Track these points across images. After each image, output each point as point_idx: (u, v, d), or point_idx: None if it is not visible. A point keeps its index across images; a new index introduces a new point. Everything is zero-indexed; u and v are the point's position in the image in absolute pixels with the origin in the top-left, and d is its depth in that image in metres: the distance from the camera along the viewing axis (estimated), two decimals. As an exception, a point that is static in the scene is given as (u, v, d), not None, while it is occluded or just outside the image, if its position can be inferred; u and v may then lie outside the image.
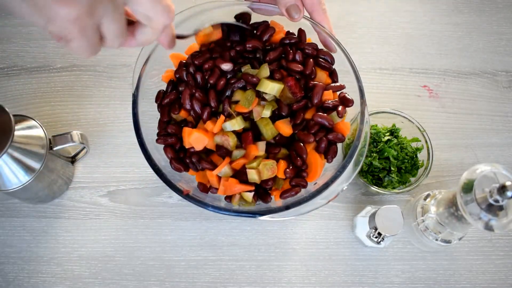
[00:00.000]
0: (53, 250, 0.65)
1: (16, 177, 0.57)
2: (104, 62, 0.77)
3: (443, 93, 0.77)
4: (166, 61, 0.60)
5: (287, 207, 0.51)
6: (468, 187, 0.51)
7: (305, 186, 0.54)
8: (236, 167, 0.54)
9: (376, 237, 0.61)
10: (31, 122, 0.59)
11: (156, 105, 0.59)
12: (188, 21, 0.60)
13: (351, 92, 0.59)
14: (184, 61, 0.60)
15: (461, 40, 0.82)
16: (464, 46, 0.81)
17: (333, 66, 0.60)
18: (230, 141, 0.53)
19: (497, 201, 0.49)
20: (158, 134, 0.58)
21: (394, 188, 0.67)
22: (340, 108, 0.55)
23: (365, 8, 0.84)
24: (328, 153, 0.55)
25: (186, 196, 0.51)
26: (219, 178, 0.55)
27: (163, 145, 0.57)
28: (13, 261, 0.64)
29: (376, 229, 0.60)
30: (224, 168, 0.53)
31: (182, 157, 0.56)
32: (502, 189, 0.48)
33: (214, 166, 0.55)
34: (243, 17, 0.60)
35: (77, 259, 0.65)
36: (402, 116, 0.70)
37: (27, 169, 0.57)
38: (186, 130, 0.55)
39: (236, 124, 0.53)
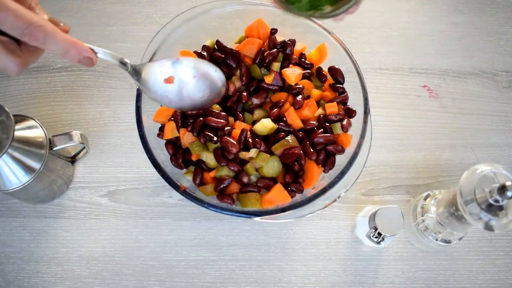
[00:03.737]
0: (53, 250, 0.65)
1: (16, 177, 0.56)
2: (104, 62, 0.76)
3: (443, 93, 0.77)
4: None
5: (282, 210, 0.51)
6: (468, 187, 0.51)
7: (301, 192, 0.54)
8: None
9: (376, 237, 0.61)
10: (31, 122, 0.59)
11: (157, 106, 0.59)
12: (190, 22, 0.60)
13: (354, 91, 0.59)
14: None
15: (461, 40, 0.82)
16: (464, 46, 0.81)
17: (337, 66, 0.61)
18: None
19: (497, 201, 0.49)
20: (160, 129, 0.58)
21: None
22: (345, 122, 0.56)
23: (365, 8, 0.83)
24: (326, 164, 0.56)
25: (183, 192, 0.51)
26: (216, 179, 0.55)
27: (164, 141, 0.57)
28: (13, 261, 0.64)
29: (376, 229, 0.60)
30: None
31: (182, 154, 0.56)
32: (502, 189, 0.48)
33: (210, 168, 0.55)
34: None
35: (77, 259, 0.65)
36: None
37: (27, 169, 0.57)
38: (182, 130, 0.55)
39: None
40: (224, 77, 0.50)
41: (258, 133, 0.55)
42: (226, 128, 0.54)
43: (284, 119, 0.56)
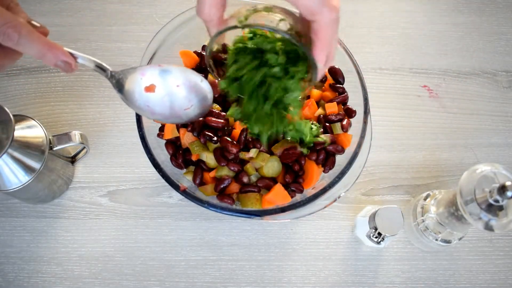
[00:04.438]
0: (53, 250, 0.65)
1: (16, 177, 0.57)
2: (104, 62, 0.77)
3: (443, 93, 0.77)
4: (174, 60, 0.60)
5: (282, 210, 0.51)
6: (468, 187, 0.51)
7: (301, 192, 0.54)
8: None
9: (376, 237, 0.61)
10: (31, 122, 0.59)
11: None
12: (190, 22, 0.60)
13: (354, 91, 0.59)
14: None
15: (461, 40, 0.82)
16: (464, 46, 0.81)
17: (337, 66, 0.61)
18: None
19: (497, 201, 0.49)
20: (160, 129, 0.58)
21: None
22: (345, 122, 0.56)
23: (365, 8, 0.84)
24: (326, 164, 0.56)
25: (183, 192, 0.51)
26: (216, 179, 0.55)
27: (164, 141, 0.57)
28: (13, 261, 0.64)
29: (376, 229, 0.60)
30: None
31: (182, 154, 0.56)
32: (502, 189, 0.48)
33: (210, 169, 0.55)
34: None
35: (77, 259, 0.65)
36: None
37: (27, 169, 0.57)
38: (182, 130, 0.55)
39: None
40: (211, 88, 0.47)
41: None
42: (226, 128, 0.54)
43: None
